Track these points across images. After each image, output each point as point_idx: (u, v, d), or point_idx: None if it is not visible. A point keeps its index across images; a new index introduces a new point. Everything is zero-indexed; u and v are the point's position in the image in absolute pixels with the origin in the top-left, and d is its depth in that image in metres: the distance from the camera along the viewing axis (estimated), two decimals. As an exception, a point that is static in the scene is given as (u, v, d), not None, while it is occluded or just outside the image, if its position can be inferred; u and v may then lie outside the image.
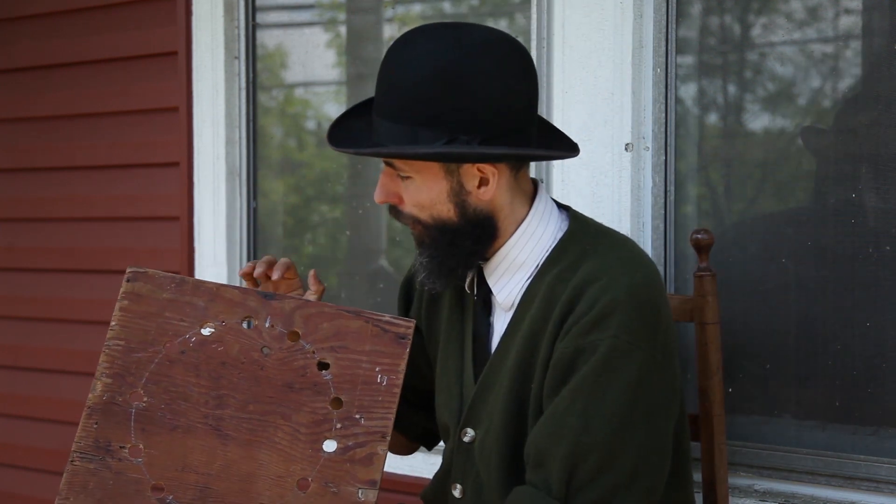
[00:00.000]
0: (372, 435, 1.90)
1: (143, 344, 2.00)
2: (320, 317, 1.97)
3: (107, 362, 1.99)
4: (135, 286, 2.03)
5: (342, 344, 1.95)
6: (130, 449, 1.95)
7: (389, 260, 3.12)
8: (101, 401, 1.97)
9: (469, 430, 2.08)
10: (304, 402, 1.93)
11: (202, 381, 1.96)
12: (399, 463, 2.90)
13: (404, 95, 1.92)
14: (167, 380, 1.97)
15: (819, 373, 2.36)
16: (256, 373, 1.95)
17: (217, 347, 1.97)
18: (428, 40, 1.93)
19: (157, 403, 1.96)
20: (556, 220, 2.05)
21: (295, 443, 1.91)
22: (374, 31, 3.17)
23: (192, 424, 1.95)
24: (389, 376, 1.93)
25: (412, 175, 1.98)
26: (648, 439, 1.91)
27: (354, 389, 1.93)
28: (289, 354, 1.95)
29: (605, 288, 1.91)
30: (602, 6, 2.53)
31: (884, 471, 2.27)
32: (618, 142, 2.52)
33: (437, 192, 1.98)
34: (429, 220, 2.01)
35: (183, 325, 1.99)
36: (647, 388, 1.90)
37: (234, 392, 1.95)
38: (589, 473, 1.88)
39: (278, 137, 3.34)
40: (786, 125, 2.45)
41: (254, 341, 1.97)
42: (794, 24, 2.42)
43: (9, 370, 3.86)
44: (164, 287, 2.02)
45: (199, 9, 3.28)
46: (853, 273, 2.32)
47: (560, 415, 1.90)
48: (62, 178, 3.71)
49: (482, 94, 1.92)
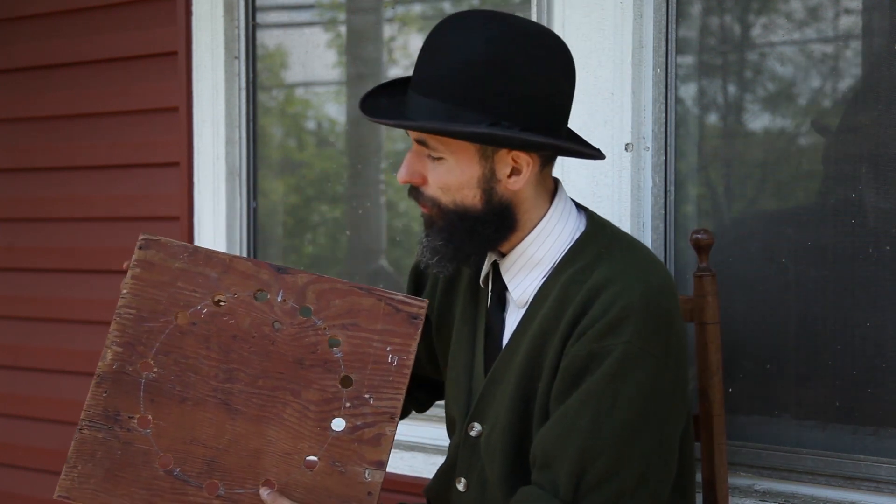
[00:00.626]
0: (381, 415, 1.89)
1: (155, 314, 1.98)
2: (333, 293, 1.95)
3: (117, 330, 1.98)
4: (147, 254, 2.01)
5: (354, 321, 1.93)
6: (139, 419, 1.95)
7: (389, 260, 3.12)
8: (111, 369, 1.97)
9: (476, 425, 2.08)
10: (314, 380, 1.92)
11: (212, 354, 1.95)
12: (399, 463, 2.90)
13: (451, 75, 1.91)
14: (178, 351, 1.96)
15: (819, 373, 2.36)
16: (267, 347, 1.94)
17: (228, 320, 1.96)
18: (479, 24, 1.93)
19: (167, 374, 1.96)
20: (574, 220, 2.05)
21: (304, 420, 1.91)
22: (374, 31, 3.17)
23: (202, 397, 1.94)
24: (400, 356, 1.91)
25: (446, 156, 1.96)
26: (657, 445, 1.92)
27: (365, 368, 1.92)
28: (300, 330, 1.94)
29: (620, 293, 1.91)
30: (602, 6, 2.53)
31: (884, 471, 2.27)
32: (618, 142, 2.52)
33: (467, 176, 1.96)
34: (450, 205, 1.98)
35: (195, 295, 1.98)
36: (657, 395, 1.91)
37: (245, 366, 1.94)
38: (597, 477, 1.88)
39: (278, 137, 3.34)
40: (786, 125, 2.45)
41: (265, 315, 1.95)
42: (794, 24, 2.42)
43: (9, 370, 3.86)
44: (176, 256, 2.00)
45: (199, 9, 3.28)
46: (853, 273, 2.32)
47: (570, 418, 1.90)
48: (62, 178, 3.71)
49: (529, 83, 1.92)
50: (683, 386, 1.97)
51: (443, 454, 2.29)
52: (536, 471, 1.94)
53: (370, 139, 3.16)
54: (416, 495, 2.51)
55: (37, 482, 3.77)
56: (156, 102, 3.45)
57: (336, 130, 3.28)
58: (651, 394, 1.90)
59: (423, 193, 2.00)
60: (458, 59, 1.91)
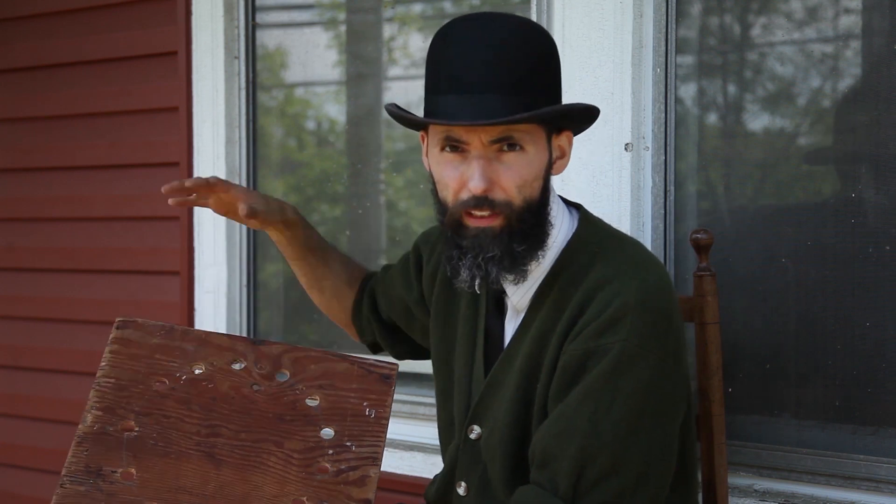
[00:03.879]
0: (364, 460, 1.93)
1: (134, 382, 2.02)
2: (307, 360, 2.01)
3: (97, 397, 2.01)
4: (124, 333, 2.07)
5: (330, 382, 1.99)
6: (122, 473, 1.96)
7: (389, 260, 3.12)
8: (91, 430, 1.99)
9: (476, 428, 2.08)
10: (296, 432, 1.96)
11: (194, 413, 1.99)
12: (399, 463, 2.90)
13: (514, 66, 1.90)
14: (159, 412, 1.99)
15: (819, 373, 2.36)
16: (247, 406, 1.98)
17: (207, 384, 2.01)
18: (503, 17, 1.95)
19: (148, 432, 1.98)
20: (567, 220, 2.05)
21: (288, 466, 1.94)
22: (374, 31, 3.17)
23: (185, 451, 1.96)
24: (377, 409, 1.96)
25: (529, 148, 1.94)
26: (656, 443, 1.92)
27: (344, 420, 1.96)
28: (279, 391, 1.99)
29: (616, 291, 1.91)
30: (602, 6, 2.53)
31: (884, 471, 2.27)
32: (618, 142, 2.52)
33: (540, 166, 1.96)
34: (521, 203, 1.94)
35: (173, 365, 2.02)
36: (656, 393, 1.91)
37: (226, 423, 1.98)
38: (596, 475, 1.88)
39: (278, 137, 3.34)
40: (786, 125, 2.45)
41: (244, 379, 2.00)
42: (794, 24, 2.42)
43: (9, 370, 3.86)
44: (153, 333, 2.06)
45: (199, 9, 3.28)
46: (853, 273, 2.32)
47: (569, 416, 1.90)
48: (62, 178, 3.71)
49: (559, 63, 1.99)
50: (682, 382, 1.97)
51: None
52: (535, 469, 1.94)
53: (370, 139, 3.16)
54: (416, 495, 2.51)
55: (37, 482, 3.77)
56: (156, 102, 3.45)
57: (336, 130, 3.28)
58: (649, 390, 1.90)
59: (495, 200, 1.93)
60: (510, 50, 1.91)
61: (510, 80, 1.90)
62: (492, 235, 1.94)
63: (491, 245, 1.94)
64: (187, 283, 3.33)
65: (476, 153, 1.92)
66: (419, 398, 2.93)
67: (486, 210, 1.93)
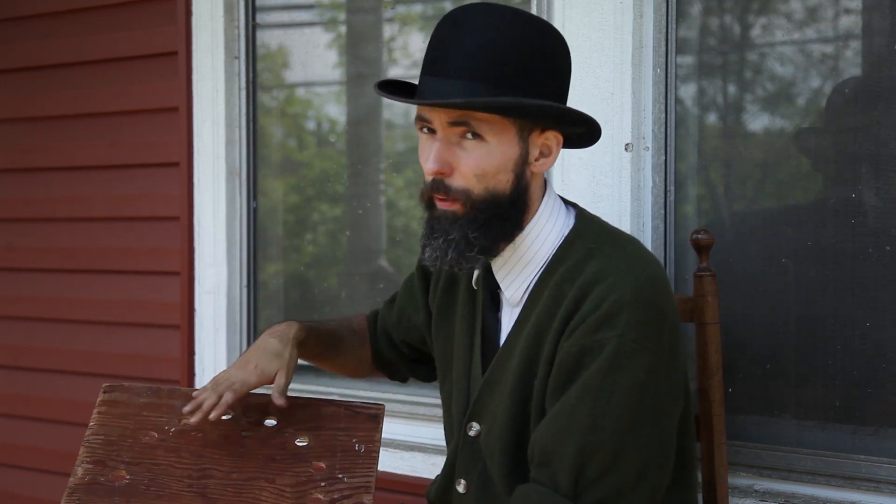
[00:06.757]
0: (356, 489, 1.95)
1: (123, 437, 2.04)
2: (295, 407, 2.05)
3: (87, 453, 2.03)
4: (112, 395, 2.10)
5: (318, 424, 2.02)
6: None
7: (389, 260, 3.12)
8: (83, 481, 2.00)
9: (474, 425, 2.09)
10: (287, 468, 1.98)
11: (184, 460, 2.00)
12: (399, 463, 2.90)
13: (488, 56, 1.89)
14: (149, 461, 2.01)
15: (819, 373, 2.36)
16: (238, 451, 2.00)
17: (196, 434, 2.03)
18: (500, 9, 1.93)
19: (140, 479, 2.00)
20: (563, 217, 2.05)
21: (282, 499, 1.96)
22: (374, 31, 3.17)
23: (178, 492, 1.97)
24: (367, 445, 2.00)
25: (489, 138, 1.92)
26: (654, 438, 1.92)
27: (334, 456, 1.99)
28: (268, 436, 2.01)
29: (612, 287, 1.91)
30: (602, 6, 2.53)
31: (884, 471, 2.27)
32: (618, 142, 2.52)
33: (506, 159, 1.94)
34: (482, 193, 1.94)
35: (161, 420, 2.05)
36: (653, 388, 1.91)
37: (217, 465, 1.99)
38: (597, 471, 1.88)
39: (278, 137, 3.34)
40: (785, 125, 2.45)
41: (233, 428, 2.03)
42: (794, 24, 2.42)
43: (9, 370, 3.86)
44: (140, 394, 2.09)
45: (199, 9, 3.28)
46: (853, 273, 2.32)
47: (567, 413, 1.90)
48: (62, 178, 3.71)
49: (557, 63, 1.95)
50: (679, 377, 1.97)
51: (443, 454, 2.29)
52: (535, 468, 1.94)
53: (370, 139, 3.16)
54: (416, 495, 2.51)
55: (37, 482, 3.77)
56: (156, 102, 3.45)
57: (336, 130, 3.28)
58: (647, 385, 1.90)
59: (451, 185, 1.94)
60: (492, 40, 1.90)
61: (486, 69, 1.89)
62: (451, 219, 1.96)
63: (450, 228, 1.96)
64: (187, 283, 3.33)
65: (439, 135, 1.93)
66: (419, 398, 2.93)
67: (443, 194, 1.94)
